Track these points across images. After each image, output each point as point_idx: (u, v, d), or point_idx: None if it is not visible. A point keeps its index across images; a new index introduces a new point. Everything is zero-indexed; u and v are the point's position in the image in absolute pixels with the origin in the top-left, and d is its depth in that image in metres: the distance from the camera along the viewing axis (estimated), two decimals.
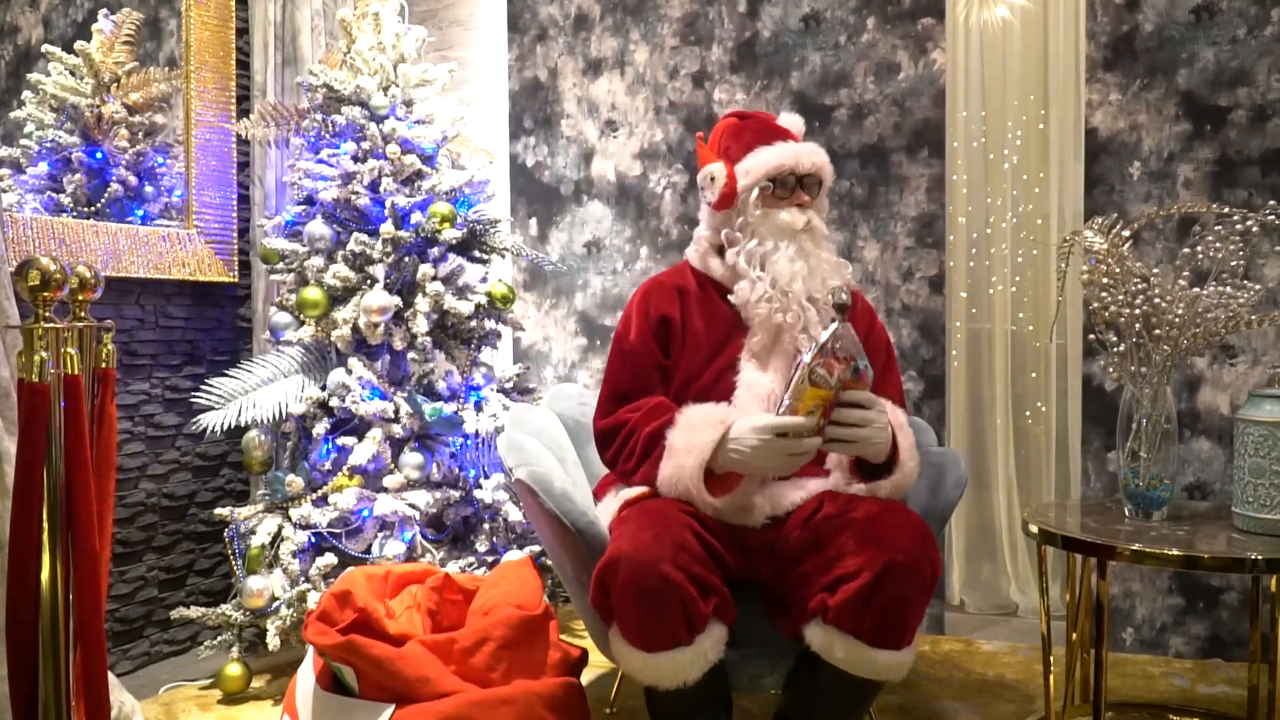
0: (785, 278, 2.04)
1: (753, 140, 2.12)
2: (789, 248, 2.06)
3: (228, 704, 2.50)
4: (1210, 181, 2.82)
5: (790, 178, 2.09)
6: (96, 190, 2.61)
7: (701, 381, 2.06)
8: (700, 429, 1.90)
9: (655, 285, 2.20)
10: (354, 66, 2.78)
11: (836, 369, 1.78)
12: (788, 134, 2.16)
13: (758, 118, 2.21)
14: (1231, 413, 2.78)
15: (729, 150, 2.15)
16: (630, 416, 2.03)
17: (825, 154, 2.15)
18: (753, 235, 2.09)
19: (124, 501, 2.70)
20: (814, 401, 1.79)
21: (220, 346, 3.02)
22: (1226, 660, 2.78)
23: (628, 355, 2.12)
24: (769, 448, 1.83)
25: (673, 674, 1.78)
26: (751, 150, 2.11)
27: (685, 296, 2.15)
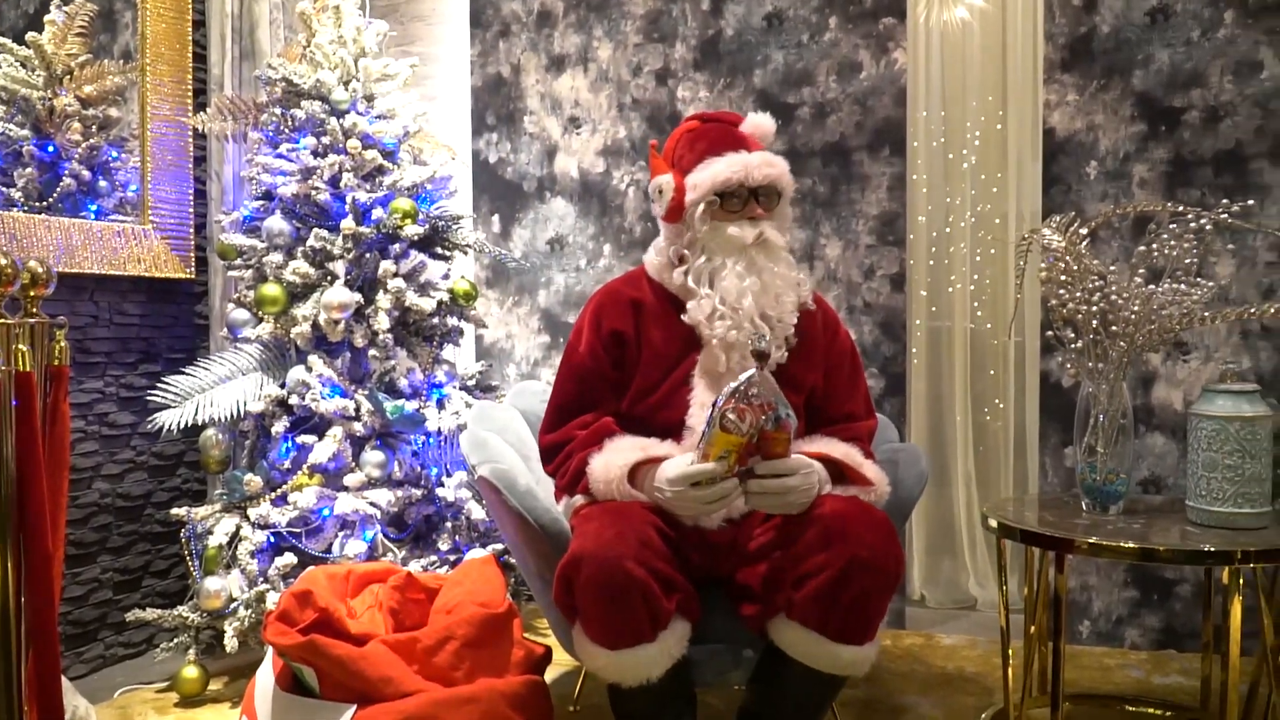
0: (733, 295, 1.96)
1: (706, 150, 2.03)
2: (737, 264, 1.98)
3: (185, 707, 2.46)
4: (1165, 181, 2.87)
5: (742, 190, 2.00)
6: (49, 185, 2.56)
7: (655, 397, 2.02)
8: (615, 463, 1.91)
9: (609, 297, 2.12)
10: (314, 60, 2.75)
11: (749, 415, 1.72)
12: (745, 141, 2.06)
13: (719, 122, 2.12)
14: (1185, 408, 2.83)
15: (681, 160, 2.06)
16: (576, 434, 2.01)
17: (782, 163, 2.05)
18: (702, 251, 2.02)
19: (78, 502, 2.65)
20: (724, 447, 1.74)
21: (177, 344, 2.97)
22: (1180, 651, 2.84)
23: (575, 369, 2.07)
24: (682, 498, 1.80)
25: (636, 671, 1.78)
26: (702, 160, 2.02)
27: (640, 309, 2.07)
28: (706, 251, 2.02)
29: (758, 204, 2.02)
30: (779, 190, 2.05)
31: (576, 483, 1.96)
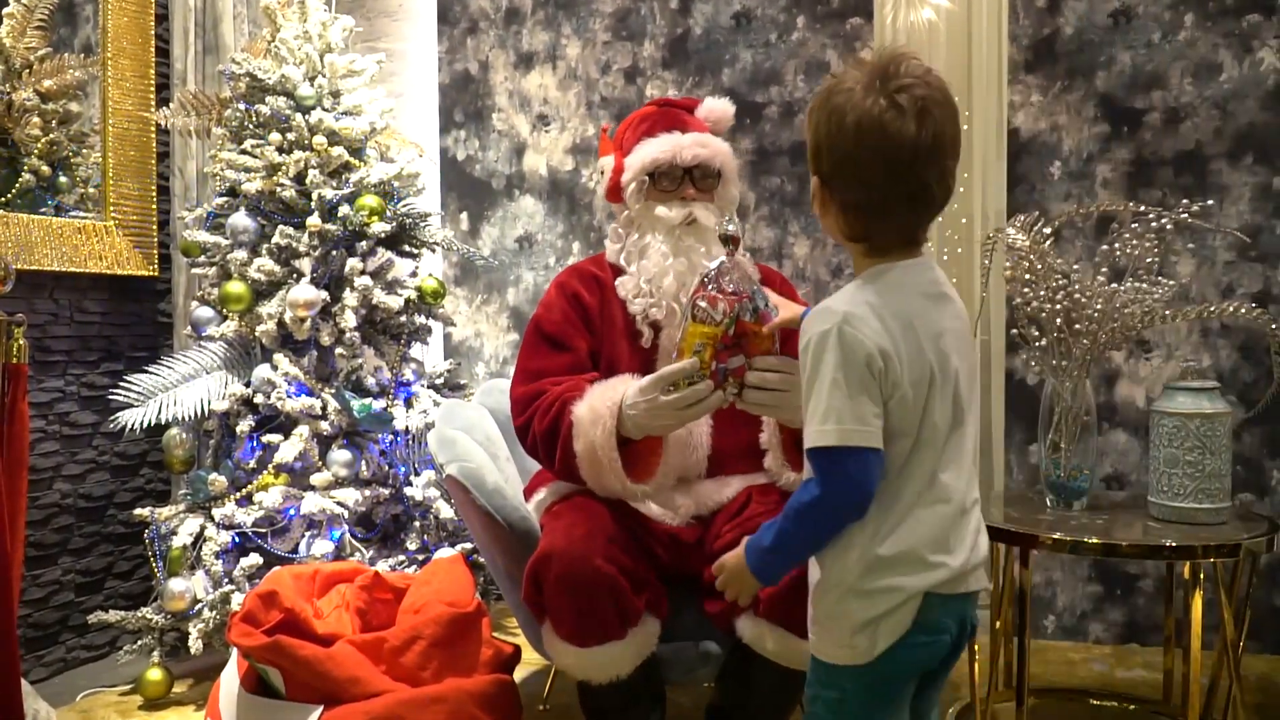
0: (655, 273, 1.99)
1: (646, 131, 2.06)
2: (663, 243, 2.00)
3: (149, 710, 2.44)
4: (1127, 181, 2.91)
5: (675, 170, 2.01)
6: (7, 180, 2.52)
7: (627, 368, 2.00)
8: (601, 399, 1.82)
9: (573, 270, 2.15)
10: (278, 55, 2.72)
11: (722, 303, 1.62)
12: (689, 124, 2.08)
13: (671, 105, 2.14)
14: (1147, 405, 2.87)
15: (625, 141, 2.10)
16: (550, 388, 1.96)
17: (718, 144, 2.05)
18: (635, 230, 2.06)
19: (38, 503, 2.61)
20: (697, 339, 1.63)
21: (139, 342, 2.93)
22: (1143, 645, 2.88)
23: (543, 328, 2.05)
24: (655, 407, 1.72)
25: (605, 668, 1.78)
26: (640, 141, 2.05)
27: (603, 285, 2.10)
28: (639, 230, 2.05)
29: (693, 185, 2.03)
30: (716, 171, 2.05)
31: (556, 426, 1.88)
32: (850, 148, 1.24)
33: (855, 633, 1.25)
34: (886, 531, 1.24)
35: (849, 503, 1.23)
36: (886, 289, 1.27)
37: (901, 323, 1.24)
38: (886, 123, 1.21)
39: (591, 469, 1.85)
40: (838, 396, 1.20)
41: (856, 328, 1.21)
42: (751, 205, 3.22)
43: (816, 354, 1.23)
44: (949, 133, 1.26)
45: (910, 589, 1.24)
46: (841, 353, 1.21)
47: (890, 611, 1.24)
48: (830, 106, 1.26)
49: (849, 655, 1.27)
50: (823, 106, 1.27)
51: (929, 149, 1.23)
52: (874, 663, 1.25)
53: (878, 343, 1.21)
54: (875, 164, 1.23)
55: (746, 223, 3.21)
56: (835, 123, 1.24)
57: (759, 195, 3.22)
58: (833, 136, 1.25)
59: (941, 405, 1.26)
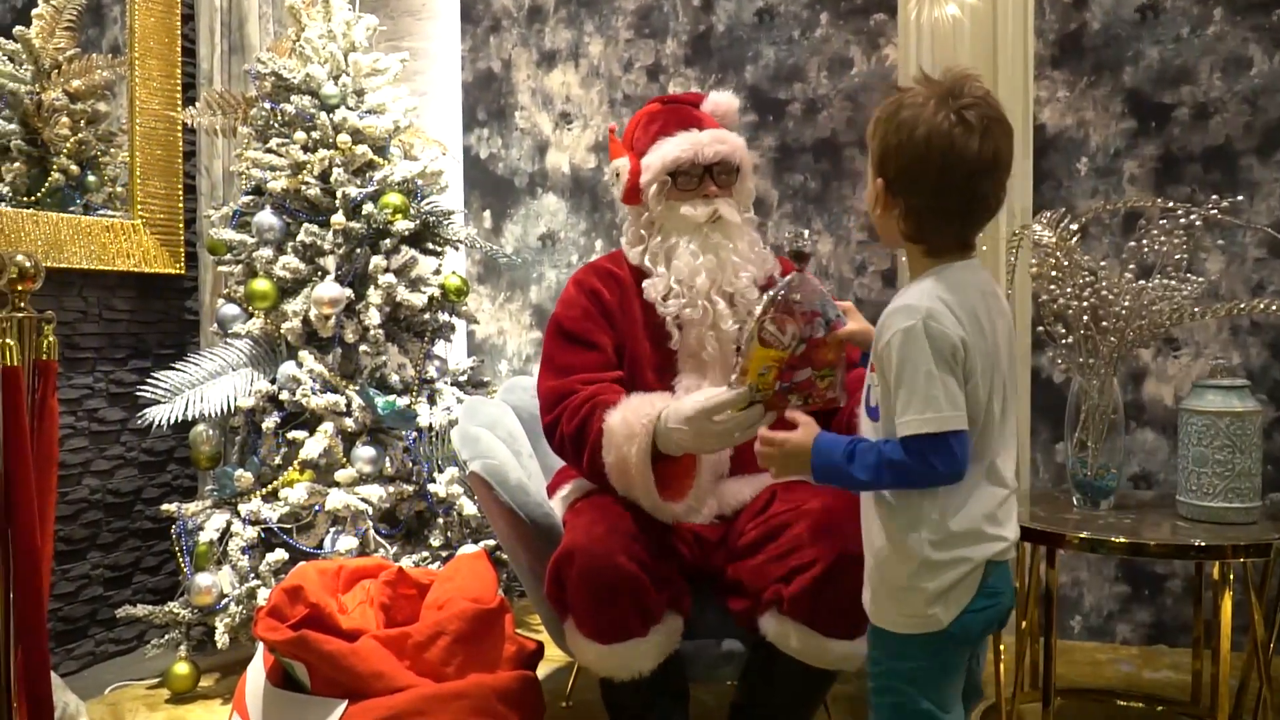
0: (686, 273, 1.97)
1: (659, 130, 2.04)
2: (691, 242, 1.99)
3: (176, 703, 2.46)
4: (1154, 177, 2.88)
5: (695, 168, 2.00)
6: (36, 179, 2.55)
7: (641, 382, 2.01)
8: (635, 413, 1.81)
9: (590, 267, 2.14)
10: (303, 55, 2.73)
11: (791, 325, 1.57)
12: (700, 120, 2.06)
13: (677, 102, 2.12)
14: (1175, 404, 2.84)
15: (637, 142, 2.07)
16: (580, 388, 1.95)
17: (735, 139, 2.04)
18: (658, 231, 2.04)
19: (67, 498, 2.64)
20: (764, 363, 1.59)
21: (166, 339, 2.96)
22: (1171, 646, 2.85)
23: (564, 325, 2.04)
24: (704, 432, 1.73)
25: (627, 665, 1.79)
26: (655, 141, 2.02)
27: (621, 282, 2.08)
28: (663, 232, 2.03)
29: (713, 182, 2.01)
30: (735, 166, 2.04)
31: (585, 430, 1.87)
32: (919, 157, 1.36)
33: (931, 603, 1.37)
34: (955, 509, 1.37)
35: (953, 476, 1.35)
36: (955, 286, 1.38)
37: (969, 316, 1.36)
38: (955, 137, 1.34)
39: (621, 480, 1.84)
40: (935, 386, 1.32)
41: (940, 321, 1.33)
42: (774, 202, 3.21)
43: (903, 349, 1.34)
44: (1006, 149, 1.39)
45: (976, 559, 1.37)
46: (932, 347, 1.32)
47: (959, 580, 1.37)
48: (900, 118, 1.37)
49: (924, 624, 1.39)
50: (892, 117, 1.39)
51: (989, 163, 1.36)
52: (947, 629, 1.38)
53: (959, 334, 1.34)
54: (941, 174, 1.36)
55: (770, 219, 3.21)
56: (905, 133, 1.36)
57: (781, 192, 3.21)
58: (902, 145, 1.37)
59: (997, 395, 1.39)
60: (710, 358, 1.99)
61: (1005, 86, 3.00)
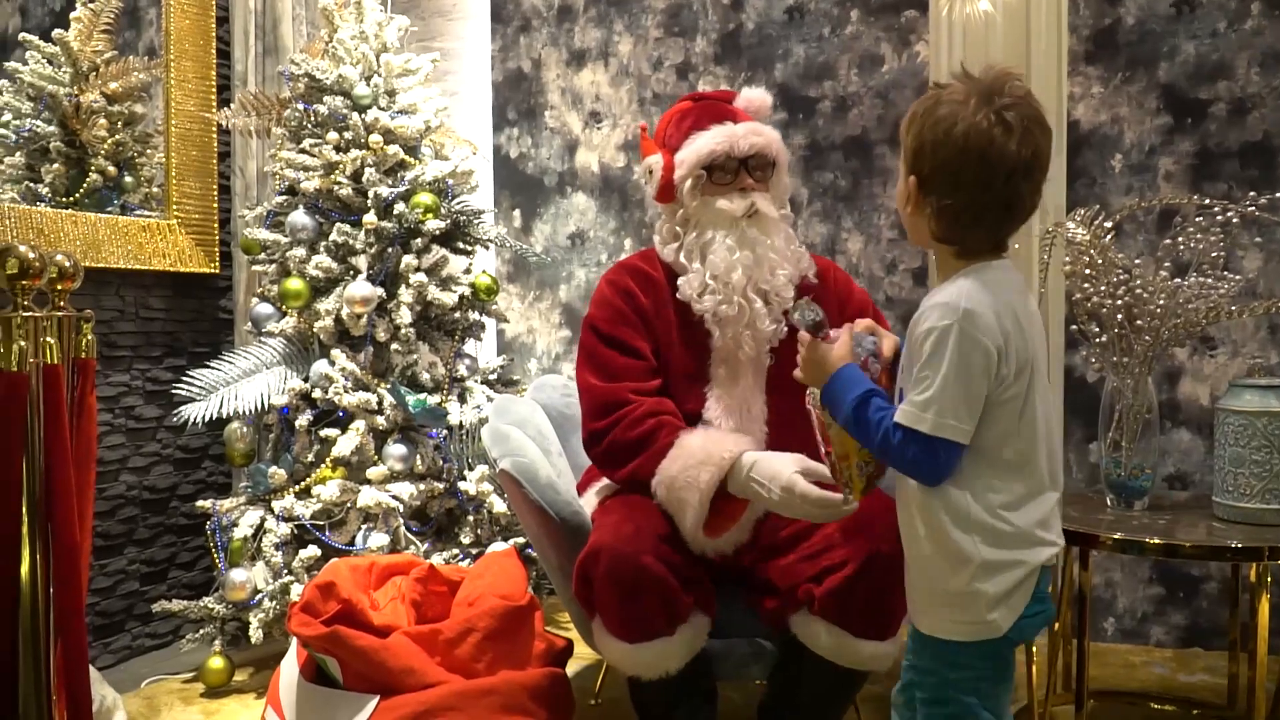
0: (722, 268, 1.94)
1: (692, 126, 2.01)
2: (727, 237, 1.95)
3: (210, 697, 2.49)
4: (1190, 174, 2.84)
5: (730, 162, 1.97)
6: (75, 180, 2.59)
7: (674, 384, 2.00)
8: (718, 445, 1.81)
9: (622, 266, 2.11)
10: (336, 56, 2.76)
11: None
12: (734, 115, 2.02)
13: (708, 99, 2.09)
14: (1211, 403, 2.80)
15: (670, 139, 2.04)
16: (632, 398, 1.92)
17: (771, 132, 2.01)
18: (694, 227, 2.00)
19: (104, 494, 2.68)
20: (861, 458, 1.50)
21: (201, 338, 3.00)
22: (1206, 649, 2.81)
23: (609, 337, 2.02)
24: (790, 504, 1.73)
25: (654, 665, 1.79)
26: (689, 137, 2.00)
27: (653, 281, 2.05)
28: (698, 227, 2.00)
29: (749, 175, 1.99)
30: (771, 160, 2.01)
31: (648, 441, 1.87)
32: (955, 155, 1.34)
33: (991, 609, 1.35)
34: (1008, 510, 1.35)
35: (928, 478, 1.35)
36: (995, 286, 1.36)
37: (1010, 317, 1.35)
38: (994, 137, 1.32)
39: (671, 494, 1.82)
40: (946, 391, 1.31)
41: (976, 325, 1.31)
42: (805, 201, 3.20)
43: (936, 344, 1.33)
44: (1045, 152, 1.36)
45: (1032, 563, 1.36)
46: (959, 350, 1.31)
47: (1017, 585, 1.35)
48: (937, 115, 1.35)
49: (983, 631, 1.36)
50: (929, 113, 1.37)
51: (1027, 164, 1.34)
52: (1006, 634, 1.36)
53: (995, 341, 1.32)
54: (978, 173, 1.33)
55: (800, 218, 3.19)
56: (943, 130, 1.34)
57: (812, 191, 3.20)
58: (938, 143, 1.35)
59: (1039, 395, 1.38)
60: (746, 358, 1.96)
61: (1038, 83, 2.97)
